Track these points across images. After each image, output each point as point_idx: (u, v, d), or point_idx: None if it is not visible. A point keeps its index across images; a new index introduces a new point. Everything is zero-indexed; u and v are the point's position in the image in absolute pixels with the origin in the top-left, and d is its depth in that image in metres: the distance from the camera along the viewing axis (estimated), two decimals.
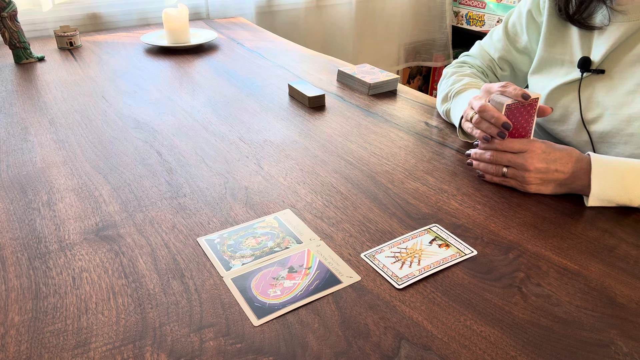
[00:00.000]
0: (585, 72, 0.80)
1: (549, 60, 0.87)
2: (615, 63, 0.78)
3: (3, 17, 1.31)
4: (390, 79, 1.17)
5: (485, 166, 0.77)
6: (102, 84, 1.21)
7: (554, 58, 0.87)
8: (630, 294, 0.56)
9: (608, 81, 0.78)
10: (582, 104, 0.81)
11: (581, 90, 0.81)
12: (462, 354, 0.49)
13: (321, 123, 1.01)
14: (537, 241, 0.65)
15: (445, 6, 2.37)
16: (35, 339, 0.51)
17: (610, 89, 0.78)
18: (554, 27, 0.86)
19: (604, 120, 0.78)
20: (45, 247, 0.64)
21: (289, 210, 0.72)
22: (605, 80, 0.79)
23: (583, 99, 0.81)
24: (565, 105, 0.84)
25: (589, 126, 0.81)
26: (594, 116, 0.80)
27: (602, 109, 0.79)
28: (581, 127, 0.82)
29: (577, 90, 0.82)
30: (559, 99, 0.84)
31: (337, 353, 0.49)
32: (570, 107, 0.83)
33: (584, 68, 0.80)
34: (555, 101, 0.85)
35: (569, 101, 0.83)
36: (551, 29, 0.86)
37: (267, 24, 2.00)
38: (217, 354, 0.49)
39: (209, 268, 0.61)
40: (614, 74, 0.78)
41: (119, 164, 0.85)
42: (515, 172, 0.74)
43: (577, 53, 0.82)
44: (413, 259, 0.62)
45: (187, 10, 1.51)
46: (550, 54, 0.87)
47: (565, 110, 0.84)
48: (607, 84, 0.79)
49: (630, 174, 0.68)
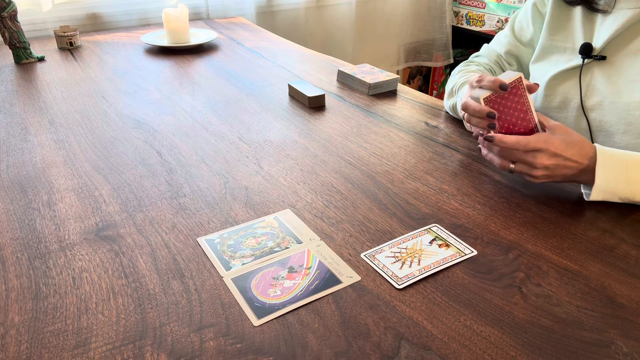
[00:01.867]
0: (586, 58, 0.80)
1: (551, 47, 0.88)
2: (616, 51, 0.78)
3: (3, 17, 1.31)
4: (390, 79, 1.17)
5: (493, 158, 0.75)
6: (102, 84, 1.21)
7: (555, 46, 0.87)
8: (630, 294, 0.56)
9: (609, 69, 0.79)
10: (582, 91, 0.81)
11: (582, 77, 0.81)
12: (462, 354, 0.49)
13: (321, 123, 1.01)
14: (537, 241, 0.65)
15: (445, 6, 2.36)
16: (35, 339, 0.51)
17: (611, 76, 0.78)
18: (557, 16, 0.87)
19: (604, 108, 0.79)
20: (45, 247, 0.64)
21: (289, 210, 0.72)
22: (606, 68, 0.79)
23: (583, 85, 0.81)
24: (565, 91, 0.84)
25: (589, 113, 0.81)
26: (593, 103, 0.80)
27: (602, 97, 0.79)
28: (580, 114, 0.82)
29: (578, 77, 0.82)
30: (559, 86, 0.85)
31: (337, 353, 0.49)
32: (570, 94, 0.83)
33: (586, 54, 0.80)
34: (555, 88, 0.85)
35: (569, 88, 0.83)
36: (554, 17, 0.87)
37: (267, 24, 2.00)
38: (217, 354, 0.49)
39: (209, 268, 0.61)
40: (615, 62, 0.78)
41: (119, 164, 0.85)
42: (522, 168, 0.72)
43: (579, 40, 0.83)
44: (413, 259, 0.62)
45: (187, 10, 1.51)
46: (552, 41, 0.87)
47: (565, 97, 0.84)
48: (608, 71, 0.79)
49: (635, 167, 0.68)
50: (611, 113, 0.77)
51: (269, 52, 1.48)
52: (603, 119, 0.79)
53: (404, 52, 2.45)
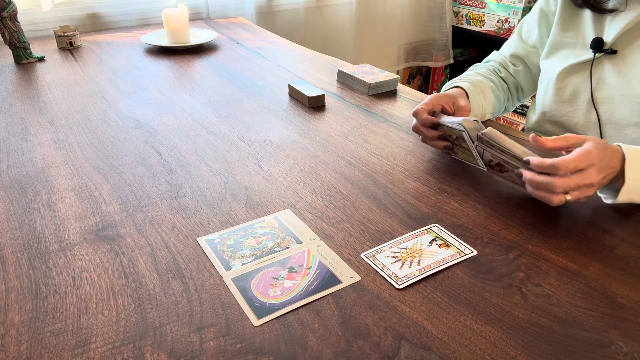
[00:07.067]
0: (597, 52, 0.81)
1: (562, 43, 0.89)
2: (627, 44, 0.79)
3: (3, 17, 1.31)
4: (390, 79, 1.17)
5: (544, 195, 0.65)
6: (102, 84, 1.21)
7: (566, 42, 0.88)
8: (630, 294, 0.56)
9: (620, 63, 0.79)
10: (592, 84, 0.81)
11: (592, 70, 0.82)
12: (462, 354, 0.49)
13: (321, 123, 1.01)
14: (537, 241, 0.65)
15: (445, 6, 2.36)
16: (35, 339, 0.51)
17: (622, 70, 0.79)
18: (568, 13, 0.88)
19: (614, 101, 0.79)
20: (45, 247, 0.64)
21: (289, 210, 0.72)
22: (617, 62, 0.80)
23: (594, 79, 0.82)
24: (576, 85, 0.84)
25: (599, 107, 0.81)
26: (604, 96, 0.81)
27: (613, 90, 0.79)
28: (590, 108, 0.83)
29: (589, 70, 0.82)
30: (569, 79, 0.85)
31: (337, 353, 0.49)
32: (581, 87, 0.84)
33: (597, 48, 0.81)
34: (565, 81, 0.86)
35: (580, 81, 0.84)
36: (565, 14, 0.88)
37: (267, 24, 2.00)
38: (217, 354, 0.49)
39: (209, 268, 0.61)
40: (626, 55, 0.79)
41: (119, 164, 0.84)
42: (578, 195, 0.64)
43: (589, 36, 0.84)
44: (413, 259, 0.62)
45: (187, 10, 1.51)
46: (563, 38, 0.88)
47: (575, 90, 0.85)
48: (618, 65, 0.79)
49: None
50: (622, 106, 0.78)
51: (269, 52, 1.48)
52: (614, 111, 0.79)
53: (404, 52, 2.45)
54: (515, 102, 1.07)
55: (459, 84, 0.92)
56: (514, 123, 2.32)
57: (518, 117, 2.30)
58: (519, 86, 1.03)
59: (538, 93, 0.96)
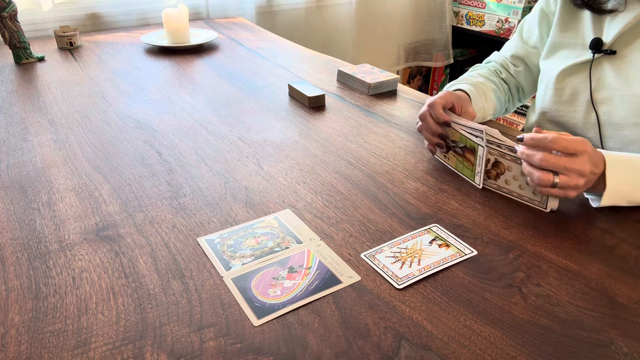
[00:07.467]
0: (596, 52, 0.81)
1: (561, 44, 0.89)
2: (626, 45, 0.79)
3: (3, 17, 1.31)
4: (390, 79, 1.17)
5: (532, 171, 0.66)
6: (102, 84, 1.21)
7: (565, 42, 0.88)
8: (630, 294, 0.56)
9: (619, 63, 0.79)
10: (592, 85, 0.82)
11: (592, 71, 0.82)
12: (462, 354, 0.49)
13: (321, 123, 1.01)
14: (537, 241, 0.65)
15: (445, 6, 2.36)
16: (35, 339, 0.51)
17: (621, 70, 0.79)
18: (567, 14, 0.88)
19: (614, 101, 0.79)
20: (45, 247, 0.64)
21: (289, 210, 0.72)
22: (616, 62, 0.80)
23: (593, 80, 0.82)
24: (575, 85, 0.85)
25: (598, 107, 0.81)
26: (603, 97, 0.81)
27: (612, 90, 0.80)
28: (590, 108, 0.83)
29: (588, 71, 0.82)
30: (568, 79, 0.86)
31: (337, 353, 0.49)
32: (580, 88, 0.84)
33: (596, 49, 0.81)
34: (565, 81, 0.86)
35: (579, 82, 0.84)
36: (564, 15, 0.88)
37: (267, 24, 2.00)
38: (217, 354, 0.49)
39: (209, 268, 0.61)
40: (625, 56, 0.79)
41: (119, 164, 0.85)
42: (567, 181, 0.64)
43: (589, 36, 0.84)
44: (413, 259, 0.62)
45: (187, 11, 1.51)
46: (562, 38, 0.88)
47: (575, 91, 0.85)
48: (618, 65, 0.80)
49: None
50: (621, 106, 0.78)
51: (269, 52, 1.48)
52: (613, 112, 0.79)
53: (404, 52, 2.45)
54: (516, 103, 1.07)
55: (461, 86, 0.92)
56: (514, 123, 2.32)
57: (518, 117, 2.30)
58: (520, 87, 1.03)
59: (538, 93, 0.96)
